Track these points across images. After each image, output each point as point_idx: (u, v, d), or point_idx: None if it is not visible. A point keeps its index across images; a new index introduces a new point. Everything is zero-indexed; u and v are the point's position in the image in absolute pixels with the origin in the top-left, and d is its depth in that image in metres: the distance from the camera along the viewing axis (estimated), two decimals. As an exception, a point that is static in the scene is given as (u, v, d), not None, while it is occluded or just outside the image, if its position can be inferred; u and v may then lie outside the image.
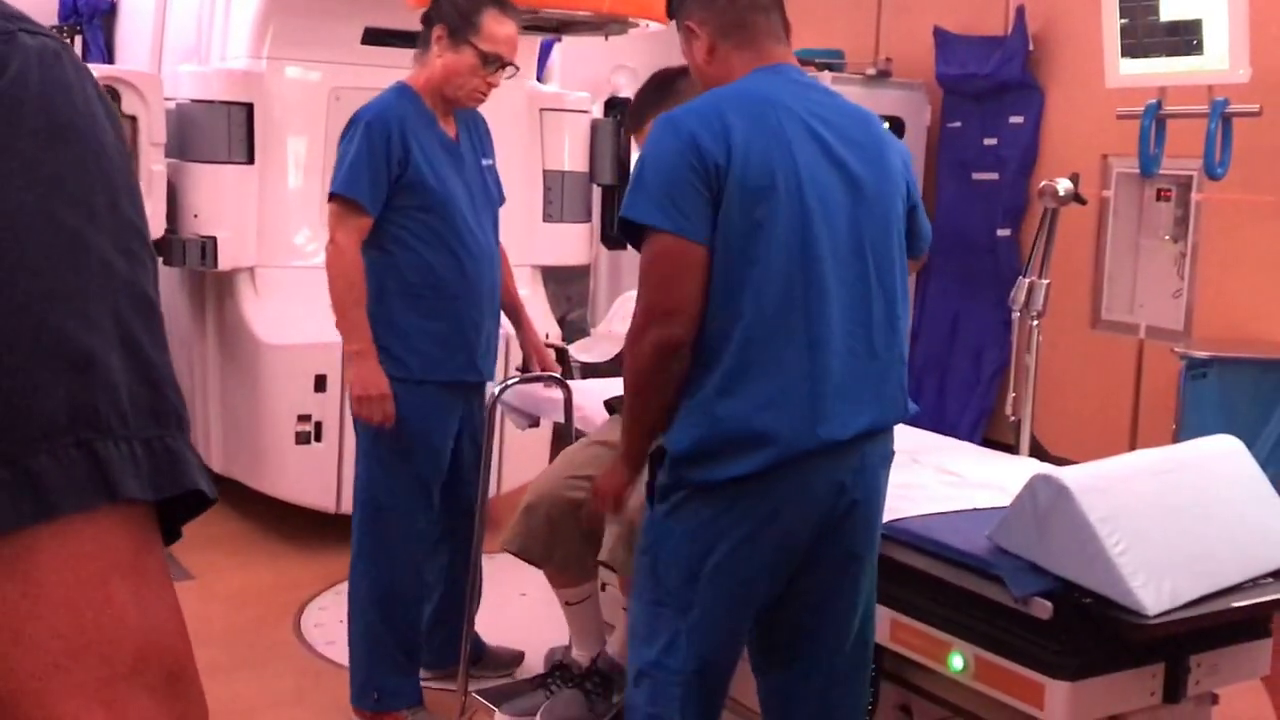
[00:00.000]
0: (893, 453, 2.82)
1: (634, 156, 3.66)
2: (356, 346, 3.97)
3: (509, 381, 3.98)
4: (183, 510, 0.83)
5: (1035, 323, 4.45)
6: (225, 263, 5.78)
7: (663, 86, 3.62)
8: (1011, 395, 4.39)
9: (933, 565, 2.93)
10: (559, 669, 3.92)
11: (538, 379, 4.12)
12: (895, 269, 2.78)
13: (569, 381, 4.33)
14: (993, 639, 2.76)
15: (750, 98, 2.75)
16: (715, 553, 2.66)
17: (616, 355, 4.68)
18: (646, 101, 3.60)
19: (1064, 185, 4.42)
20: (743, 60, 2.83)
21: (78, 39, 7.15)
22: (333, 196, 3.97)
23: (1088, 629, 2.64)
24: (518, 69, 4.19)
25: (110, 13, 7.28)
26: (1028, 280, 4.48)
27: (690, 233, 2.62)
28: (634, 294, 3.53)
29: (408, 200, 3.98)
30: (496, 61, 4.07)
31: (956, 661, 2.84)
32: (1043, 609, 2.61)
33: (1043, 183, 4.55)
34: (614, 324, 4.40)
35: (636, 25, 5.51)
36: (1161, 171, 5.98)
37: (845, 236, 2.69)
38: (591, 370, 4.76)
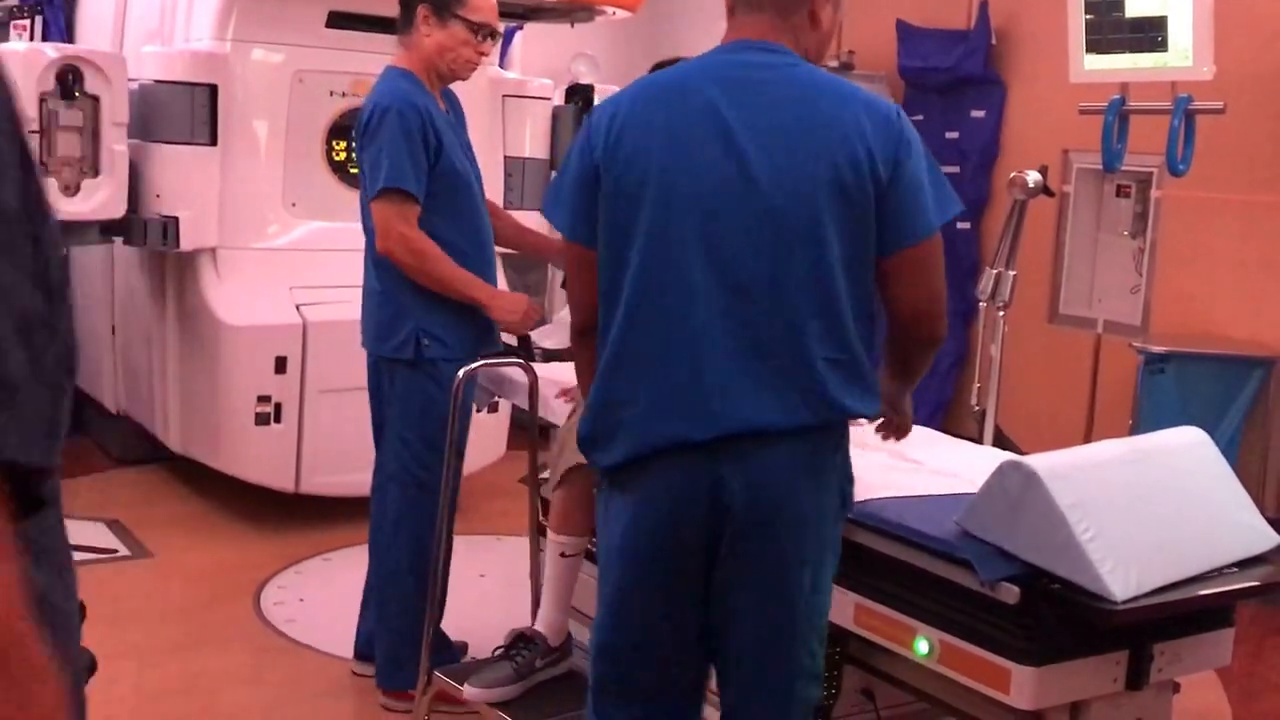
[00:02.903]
0: (813, 458, 2.62)
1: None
2: (482, 294, 4.10)
3: (479, 362, 3.96)
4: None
5: (1001, 314, 4.48)
6: (187, 243, 5.76)
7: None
8: (976, 386, 4.43)
9: (898, 549, 2.95)
10: (522, 640, 3.89)
11: (505, 362, 4.12)
12: (812, 266, 2.57)
13: (535, 365, 4.34)
14: (958, 624, 2.78)
15: (669, 84, 2.72)
16: (611, 534, 2.73)
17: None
18: None
19: (1033, 177, 4.46)
20: (726, 34, 2.77)
21: (38, 19, 7.09)
22: (383, 191, 3.96)
23: (1054, 614, 2.67)
24: (502, 35, 4.23)
25: (72, -9, 7.21)
26: (995, 271, 4.51)
27: (579, 237, 2.74)
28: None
29: (437, 184, 4.03)
30: (487, 29, 4.13)
31: (922, 646, 2.87)
32: (1010, 594, 2.64)
33: (1012, 174, 4.60)
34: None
35: (604, 13, 5.51)
36: (1122, 168, 6.03)
37: (732, 233, 2.58)
38: (554, 356, 4.76)
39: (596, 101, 6.82)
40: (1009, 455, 3.55)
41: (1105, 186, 6.92)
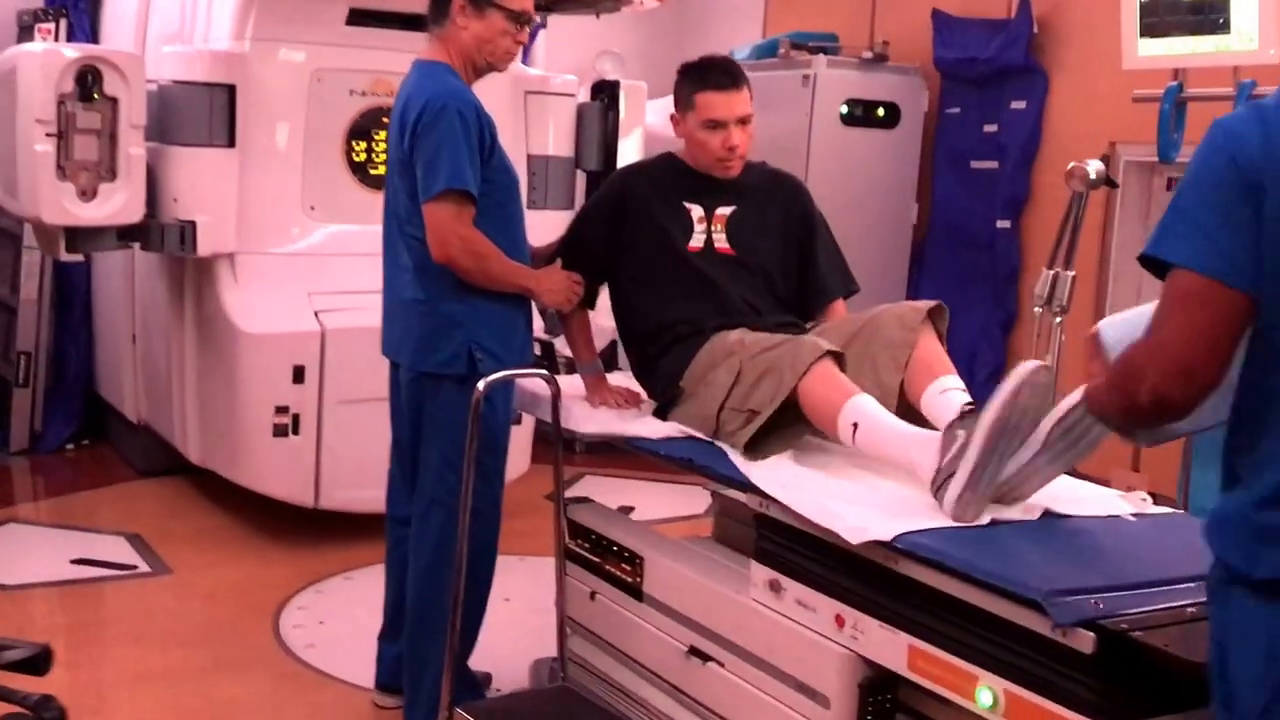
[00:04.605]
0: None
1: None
2: (530, 279, 3.95)
3: (498, 374, 3.73)
4: None
5: (1059, 319, 4.23)
6: (204, 248, 5.60)
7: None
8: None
9: (957, 585, 2.72)
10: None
11: (526, 373, 3.91)
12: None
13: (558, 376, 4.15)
14: (1027, 673, 2.54)
15: None
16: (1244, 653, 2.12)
17: (603, 349, 4.52)
18: None
19: (1094, 167, 4.19)
20: None
21: (63, 21, 6.96)
22: (442, 193, 3.73)
23: (1134, 665, 2.44)
24: (538, 22, 4.03)
25: (96, -5, 7.11)
26: (1051, 272, 4.26)
27: (1222, 274, 2.03)
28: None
29: (486, 186, 3.82)
30: (525, 17, 3.95)
31: (984, 697, 2.63)
32: (1085, 641, 2.40)
33: (1071, 164, 4.32)
34: (600, 316, 4.23)
35: (630, 2, 5.29)
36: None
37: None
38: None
39: (623, 98, 6.63)
40: (1081, 483, 3.36)
41: (1155, 180, 6.67)
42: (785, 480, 3.25)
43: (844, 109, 7.46)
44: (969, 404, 3.20)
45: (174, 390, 6.12)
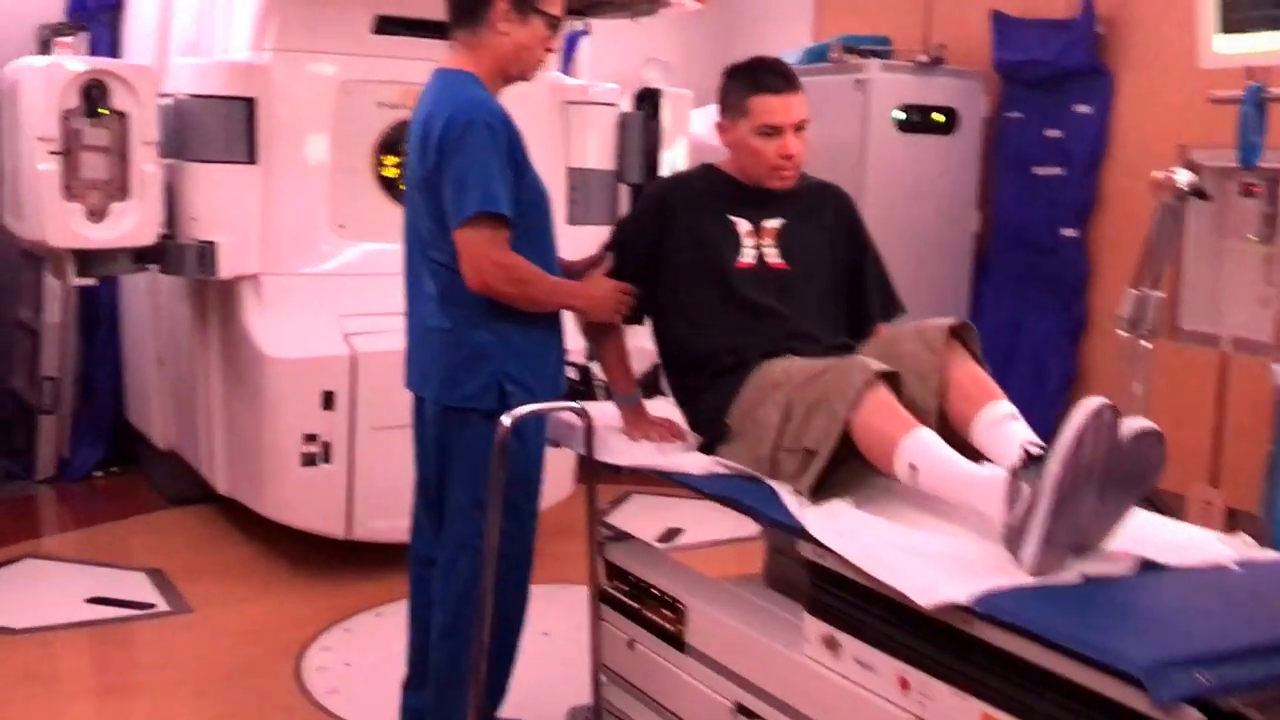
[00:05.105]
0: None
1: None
2: (575, 301, 3.70)
3: (523, 409, 3.43)
4: None
5: (1148, 344, 3.89)
6: (226, 270, 5.35)
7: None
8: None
9: (1043, 653, 2.39)
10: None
11: (556, 407, 3.60)
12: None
13: (594, 404, 3.85)
14: (1124, 755, 2.22)
15: None
16: None
17: (645, 373, 4.20)
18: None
19: (1184, 177, 3.86)
20: None
21: (83, 35, 6.72)
22: (475, 217, 3.43)
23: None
24: (582, 29, 3.75)
25: (118, 8, 6.90)
26: (1137, 293, 3.92)
27: None
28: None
29: (517, 206, 3.51)
30: (560, 24, 3.67)
31: (1073, 778, 2.31)
32: (1191, 721, 2.08)
33: (1157, 173, 3.99)
34: (639, 337, 3.92)
35: (668, 4, 4.99)
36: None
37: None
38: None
39: (666, 107, 6.33)
40: (1172, 523, 3.03)
41: (1228, 185, 6.31)
42: (843, 526, 2.93)
43: (899, 115, 7.17)
44: (1031, 445, 2.86)
45: (200, 417, 5.88)
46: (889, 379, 3.13)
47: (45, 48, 6.67)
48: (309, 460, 5.31)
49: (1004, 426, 3.10)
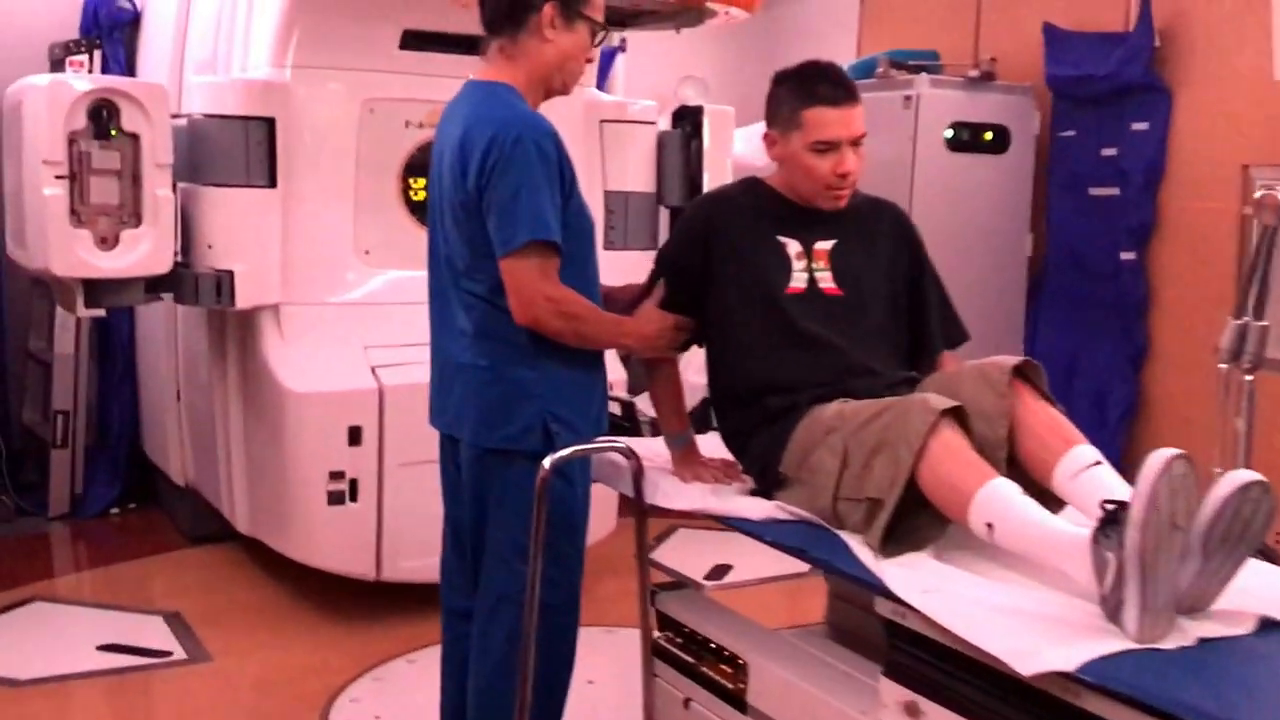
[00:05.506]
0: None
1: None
2: (626, 339, 3.44)
3: (567, 451, 3.14)
4: None
5: (1249, 377, 3.59)
6: (244, 300, 5.07)
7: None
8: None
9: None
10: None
11: (603, 447, 3.30)
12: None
13: (639, 441, 3.57)
14: None
15: None
16: None
17: (694, 408, 3.88)
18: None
19: (1291, 196, 3.56)
20: None
21: (96, 54, 6.53)
22: (524, 246, 3.14)
23: None
24: (616, 45, 3.48)
25: (133, 25, 6.65)
26: (1240, 323, 3.62)
27: None
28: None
29: (564, 231, 3.22)
30: (602, 33, 3.41)
31: None
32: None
33: (1259, 193, 3.70)
34: (689, 372, 3.62)
35: (714, 14, 4.71)
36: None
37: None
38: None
39: (707, 125, 6.05)
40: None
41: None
42: (926, 582, 2.63)
43: (949, 132, 6.91)
44: (1109, 502, 2.56)
45: (219, 453, 5.60)
46: (954, 414, 2.84)
47: (57, 66, 6.45)
48: (335, 499, 5.02)
49: (1087, 476, 2.80)
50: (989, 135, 7.03)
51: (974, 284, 6.69)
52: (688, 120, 6.16)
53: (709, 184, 6.05)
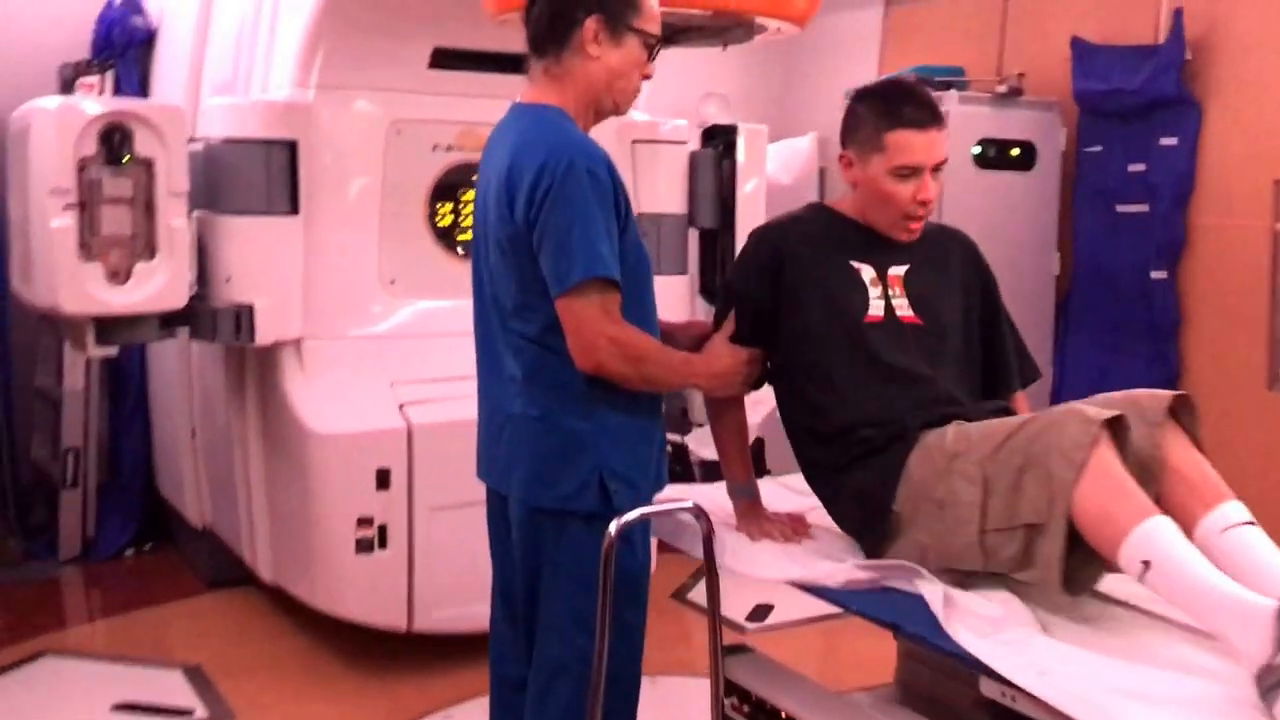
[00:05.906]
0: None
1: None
2: (697, 379, 3.28)
3: (634, 514, 2.92)
4: None
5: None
6: (264, 335, 4.87)
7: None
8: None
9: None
10: None
11: (672, 508, 3.08)
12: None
13: (699, 489, 3.37)
14: None
15: None
16: None
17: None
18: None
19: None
20: None
21: (109, 75, 6.36)
22: (582, 283, 2.92)
23: None
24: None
25: (147, 44, 6.47)
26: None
27: None
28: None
29: (621, 265, 3.01)
30: (658, 46, 3.18)
31: None
32: None
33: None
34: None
35: (765, 29, 4.52)
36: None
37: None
38: (717, 470, 3.70)
39: (741, 143, 5.86)
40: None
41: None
42: (1042, 661, 2.42)
43: (977, 149, 6.77)
44: None
45: (239, 496, 5.38)
46: (1111, 427, 2.67)
47: (67, 88, 6.24)
48: (363, 546, 4.80)
49: (1237, 533, 2.61)
50: (1016, 152, 6.92)
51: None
52: (719, 139, 5.98)
53: (743, 205, 5.86)
